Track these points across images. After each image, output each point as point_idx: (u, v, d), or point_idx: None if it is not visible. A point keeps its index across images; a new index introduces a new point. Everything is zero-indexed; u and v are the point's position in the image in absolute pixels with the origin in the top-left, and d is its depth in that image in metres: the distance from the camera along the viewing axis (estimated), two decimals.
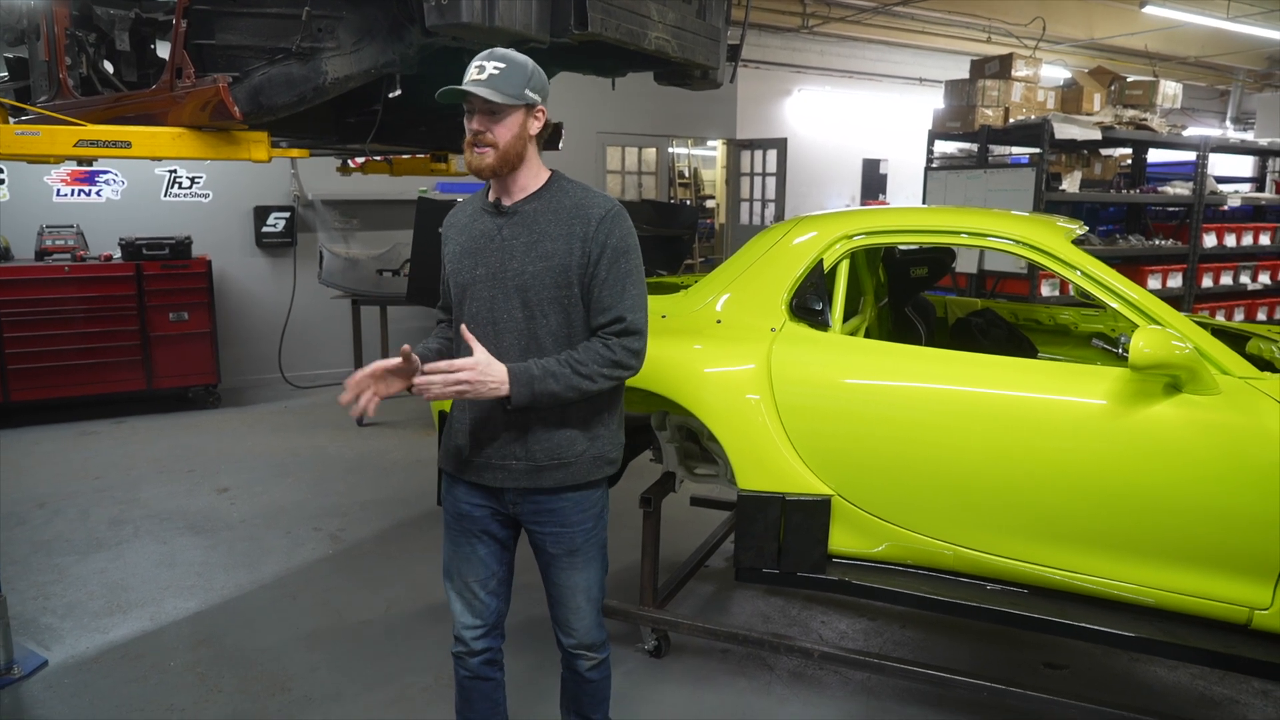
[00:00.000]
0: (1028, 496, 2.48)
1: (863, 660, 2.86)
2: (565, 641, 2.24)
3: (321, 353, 7.67)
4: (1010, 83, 6.76)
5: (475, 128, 1.95)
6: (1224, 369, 2.38)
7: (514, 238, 2.02)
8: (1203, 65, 13.34)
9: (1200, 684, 3.07)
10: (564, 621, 2.22)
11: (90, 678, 3.09)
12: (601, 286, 2.00)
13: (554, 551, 2.14)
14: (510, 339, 2.01)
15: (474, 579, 2.19)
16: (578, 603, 2.19)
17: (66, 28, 3.48)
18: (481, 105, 1.93)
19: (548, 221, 2.01)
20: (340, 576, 3.90)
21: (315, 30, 2.83)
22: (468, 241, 2.08)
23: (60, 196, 6.69)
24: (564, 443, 2.06)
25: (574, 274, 2.00)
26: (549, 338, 2.02)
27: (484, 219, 2.07)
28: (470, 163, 1.98)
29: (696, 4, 3.50)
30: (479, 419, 2.07)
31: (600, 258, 1.99)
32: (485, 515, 2.15)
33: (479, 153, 1.96)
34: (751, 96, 10.84)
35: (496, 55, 1.94)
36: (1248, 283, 7.32)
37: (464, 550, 2.18)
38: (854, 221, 2.91)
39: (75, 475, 5.22)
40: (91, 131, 2.90)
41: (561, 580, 2.17)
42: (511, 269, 2.00)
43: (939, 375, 2.61)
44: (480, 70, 1.91)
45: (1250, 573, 2.31)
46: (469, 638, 2.22)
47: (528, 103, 1.96)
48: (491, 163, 1.96)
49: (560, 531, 2.12)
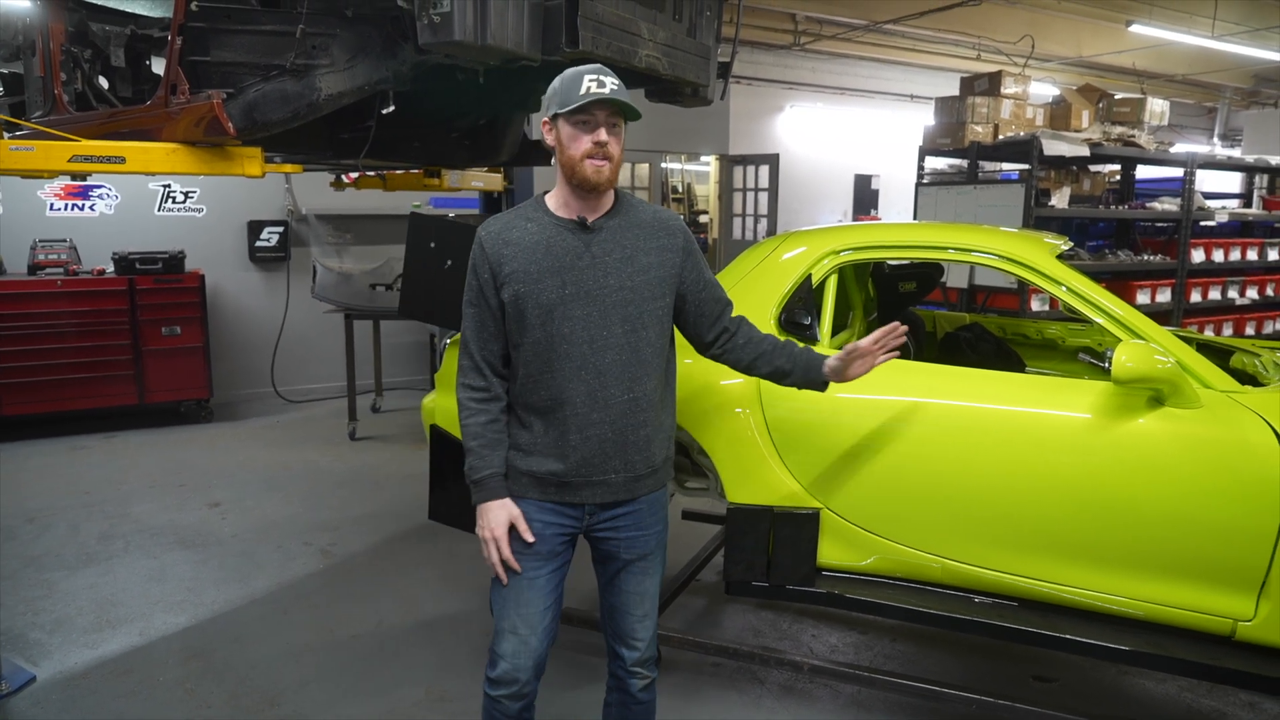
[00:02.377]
0: (1015, 509, 2.50)
1: (853, 674, 2.87)
2: (628, 657, 2.17)
3: (314, 367, 7.67)
4: (1000, 100, 6.83)
5: (601, 139, 1.91)
6: (1206, 383, 2.40)
7: (606, 254, 1.99)
8: (1190, 83, 13.48)
9: (1188, 696, 3.08)
10: (628, 633, 2.16)
11: (78, 693, 3.07)
12: (709, 287, 2.15)
13: (627, 558, 2.11)
14: (612, 355, 1.98)
15: (534, 609, 2.06)
16: (645, 609, 2.15)
17: (62, 44, 3.50)
18: (608, 118, 1.91)
19: (636, 236, 2.02)
20: (331, 591, 3.89)
21: (310, 47, 2.86)
22: (546, 260, 1.97)
23: (54, 211, 6.70)
24: (656, 449, 2.08)
25: (670, 285, 2.05)
26: (649, 350, 2.03)
27: (563, 236, 1.99)
28: (588, 178, 1.93)
29: (687, 22, 3.54)
30: (597, 436, 1.99)
31: (696, 264, 2.11)
32: (554, 534, 2.07)
33: (598, 165, 1.92)
34: (744, 112, 10.91)
35: (607, 71, 1.92)
36: (1236, 297, 7.37)
37: (528, 574, 2.06)
38: (842, 237, 2.94)
39: (65, 490, 5.20)
40: (86, 147, 2.92)
41: (631, 587, 2.13)
42: (610, 285, 1.97)
43: (927, 389, 2.63)
44: (601, 84, 1.88)
45: (1233, 585, 2.33)
46: (520, 680, 2.06)
47: (632, 118, 1.97)
48: (609, 175, 1.94)
49: (636, 536, 2.10)
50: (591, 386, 1.98)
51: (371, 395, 7.12)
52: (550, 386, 1.99)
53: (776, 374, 2.24)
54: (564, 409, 1.99)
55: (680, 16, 3.47)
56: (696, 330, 2.19)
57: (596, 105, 1.89)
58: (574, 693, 3.03)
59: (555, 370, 1.98)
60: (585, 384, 1.98)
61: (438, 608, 3.69)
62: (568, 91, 1.90)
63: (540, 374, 1.99)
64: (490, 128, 4.46)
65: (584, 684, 3.06)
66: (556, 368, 1.97)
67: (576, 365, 1.97)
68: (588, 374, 1.98)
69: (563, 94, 1.91)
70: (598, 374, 1.97)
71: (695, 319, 2.16)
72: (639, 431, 2.03)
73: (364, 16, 2.88)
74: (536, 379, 2.00)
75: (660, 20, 3.30)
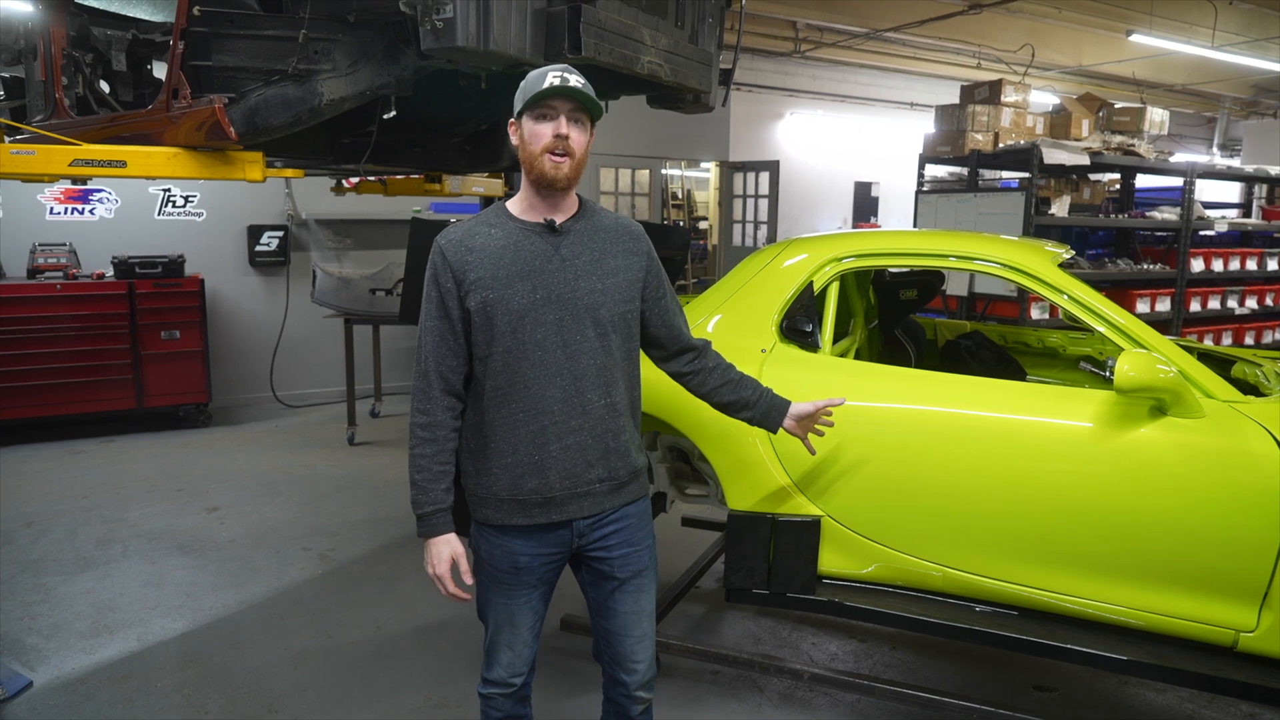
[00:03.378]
0: (1016, 518, 2.49)
1: (853, 682, 2.86)
2: (630, 683, 2.09)
3: (314, 372, 7.66)
4: (1000, 108, 6.84)
5: (561, 133, 1.85)
6: (1208, 392, 2.40)
7: (575, 256, 1.94)
8: (1189, 93, 13.52)
9: (1189, 707, 3.07)
10: (628, 656, 2.08)
11: (75, 699, 3.06)
12: (670, 304, 2.12)
13: (622, 576, 2.04)
14: (586, 360, 1.93)
15: (524, 626, 2.06)
16: (643, 629, 2.09)
17: (63, 48, 3.51)
18: (569, 111, 1.87)
19: (603, 239, 1.99)
20: (329, 597, 3.88)
21: (312, 52, 2.86)
22: (514, 264, 1.90)
23: (54, 215, 6.69)
24: (631, 454, 2.03)
25: (636, 290, 2.03)
26: (620, 354, 1.99)
27: (530, 240, 1.93)
28: (546, 172, 1.88)
29: (689, 29, 3.55)
30: (578, 444, 1.94)
31: (658, 275, 2.09)
32: (543, 563, 2.02)
33: (557, 161, 1.87)
34: (744, 119, 10.94)
35: (570, 69, 1.88)
36: (1235, 307, 7.38)
37: (519, 602, 2.04)
38: (843, 244, 2.94)
39: (63, 494, 5.18)
40: (87, 151, 2.92)
41: (628, 607, 2.06)
42: (581, 288, 1.92)
43: (928, 397, 2.62)
44: (564, 79, 1.83)
45: (1235, 595, 2.32)
46: (515, 684, 2.09)
47: (597, 116, 1.93)
48: (568, 172, 1.89)
49: (629, 552, 2.05)
50: (568, 392, 1.92)
51: (371, 400, 7.11)
52: (524, 397, 1.92)
53: (738, 404, 2.22)
54: (541, 418, 1.92)
55: (682, 23, 3.48)
56: (657, 339, 2.14)
57: (557, 97, 1.85)
58: (569, 701, 3.02)
59: (529, 379, 1.91)
60: (562, 390, 1.92)
61: (436, 614, 3.67)
62: (530, 87, 1.87)
63: (511, 385, 1.92)
64: (491, 133, 4.47)
65: (578, 692, 3.05)
66: (530, 376, 1.91)
67: (552, 372, 1.91)
68: (564, 380, 1.92)
69: (525, 90, 1.88)
70: (574, 379, 1.92)
71: (656, 327, 2.11)
72: (619, 437, 1.99)
73: (366, 22, 2.89)
74: (507, 391, 1.92)
75: (662, 27, 3.31)
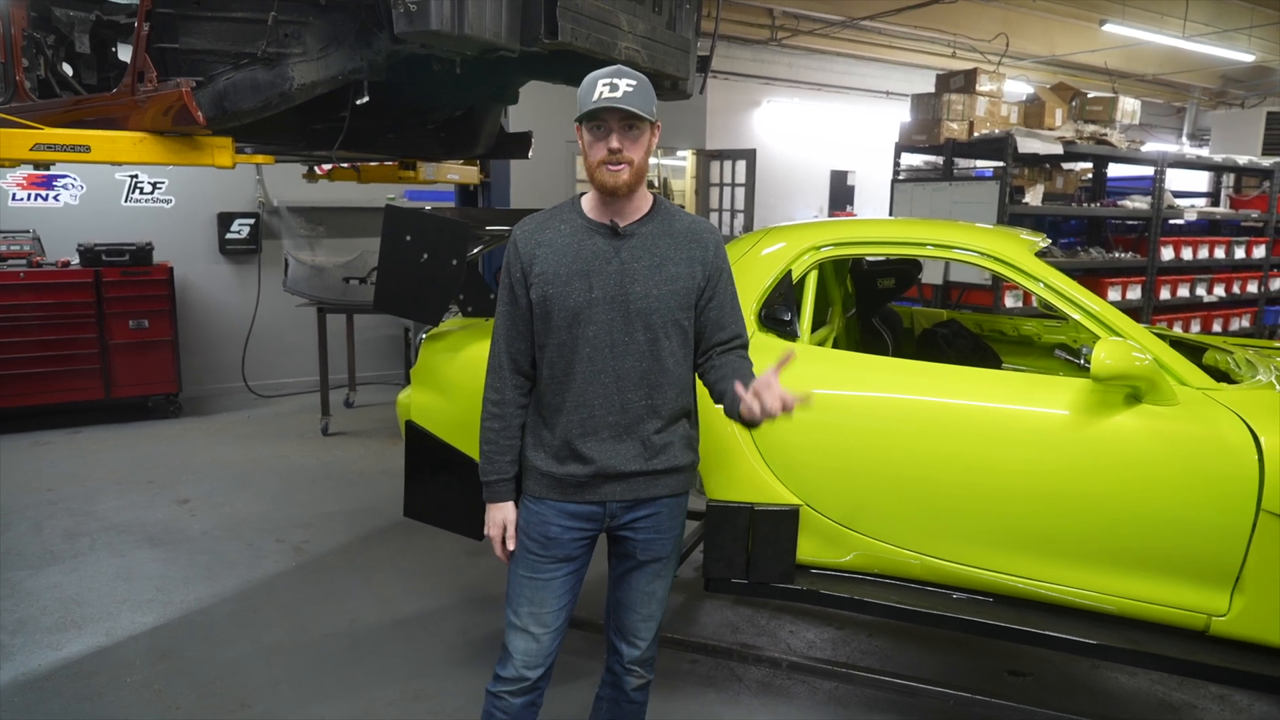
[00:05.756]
0: (992, 506, 2.51)
1: (830, 670, 2.87)
2: (627, 654, 2.19)
3: (286, 361, 7.56)
4: (974, 97, 6.88)
5: (614, 145, 1.90)
6: (1182, 380, 2.42)
7: (634, 260, 1.98)
8: (1160, 83, 13.68)
9: (1160, 689, 3.12)
10: (631, 630, 2.17)
11: (41, 696, 3.00)
12: (720, 309, 2.09)
13: (642, 559, 2.12)
14: (632, 362, 1.99)
15: (548, 609, 2.09)
16: (651, 610, 2.17)
17: (24, 29, 3.41)
18: (620, 123, 1.90)
19: (667, 245, 2.01)
20: (303, 589, 3.83)
21: (281, 35, 2.80)
22: (575, 262, 1.98)
23: (16, 201, 6.54)
24: (676, 450, 2.08)
25: (694, 297, 2.03)
26: (670, 359, 2.02)
27: (593, 240, 1.99)
28: (605, 182, 1.93)
29: (667, 15, 3.52)
30: (607, 440, 2.01)
31: (718, 281, 2.07)
32: (575, 537, 2.08)
33: (614, 170, 1.91)
34: (721, 107, 10.91)
35: (624, 73, 1.90)
36: (1204, 295, 7.49)
37: (544, 575, 2.09)
38: (822, 233, 2.93)
39: (29, 487, 5.08)
40: (49, 135, 2.84)
41: (641, 586, 2.15)
42: (635, 292, 1.97)
43: (905, 386, 2.63)
44: (613, 88, 1.87)
45: (1207, 580, 2.35)
46: (530, 678, 2.09)
47: (655, 120, 1.95)
48: (628, 179, 1.93)
49: (654, 539, 2.11)
50: (609, 390, 1.99)
51: (345, 390, 7.04)
52: (571, 389, 2.00)
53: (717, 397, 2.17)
54: (582, 410, 2.00)
55: (660, 9, 3.45)
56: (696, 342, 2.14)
57: (606, 111, 1.88)
58: (561, 688, 3.00)
59: (576, 373, 1.99)
60: (604, 388, 1.98)
61: (413, 605, 3.64)
62: (584, 96, 1.90)
63: (563, 376, 2.01)
64: (467, 120, 4.41)
65: (571, 682, 3.03)
66: (577, 371, 1.98)
67: (597, 369, 1.98)
68: (607, 378, 1.98)
69: (579, 98, 1.92)
70: (616, 378, 1.98)
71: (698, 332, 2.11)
72: (660, 436, 2.04)
73: (338, 4, 2.83)
74: (560, 381, 2.01)
75: (640, 12, 3.27)
